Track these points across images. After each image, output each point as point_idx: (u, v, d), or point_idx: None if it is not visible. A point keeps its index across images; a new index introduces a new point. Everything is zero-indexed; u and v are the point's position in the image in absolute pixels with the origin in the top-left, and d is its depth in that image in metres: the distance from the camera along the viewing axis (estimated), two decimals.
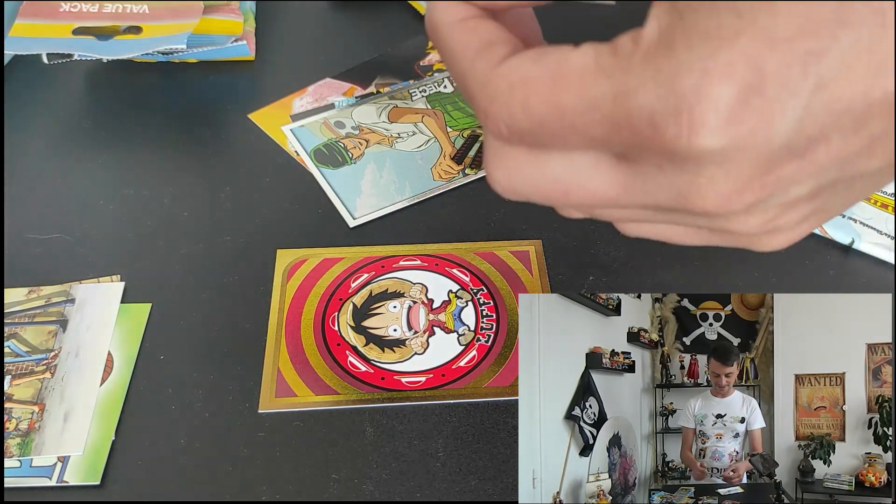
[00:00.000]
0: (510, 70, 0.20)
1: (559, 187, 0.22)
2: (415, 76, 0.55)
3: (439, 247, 0.44)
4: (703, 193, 0.20)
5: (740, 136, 0.18)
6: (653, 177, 0.20)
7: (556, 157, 0.21)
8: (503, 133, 0.21)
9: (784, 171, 0.19)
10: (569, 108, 0.19)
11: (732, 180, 0.19)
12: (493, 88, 0.20)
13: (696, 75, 0.17)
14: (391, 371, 0.39)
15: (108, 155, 0.49)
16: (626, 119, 0.18)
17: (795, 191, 0.20)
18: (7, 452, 0.35)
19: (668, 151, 0.19)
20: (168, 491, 0.35)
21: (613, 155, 0.21)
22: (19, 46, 0.51)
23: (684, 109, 0.17)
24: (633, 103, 0.18)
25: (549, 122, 0.20)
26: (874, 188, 0.22)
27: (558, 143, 0.20)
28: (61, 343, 0.39)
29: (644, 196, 0.21)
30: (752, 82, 0.17)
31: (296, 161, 0.49)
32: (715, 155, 0.18)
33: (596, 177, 0.21)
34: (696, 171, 0.19)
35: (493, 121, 0.21)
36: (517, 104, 0.20)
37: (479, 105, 0.21)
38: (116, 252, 0.44)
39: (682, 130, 0.18)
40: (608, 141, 0.19)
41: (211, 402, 0.37)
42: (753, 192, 0.19)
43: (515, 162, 0.22)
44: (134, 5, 0.54)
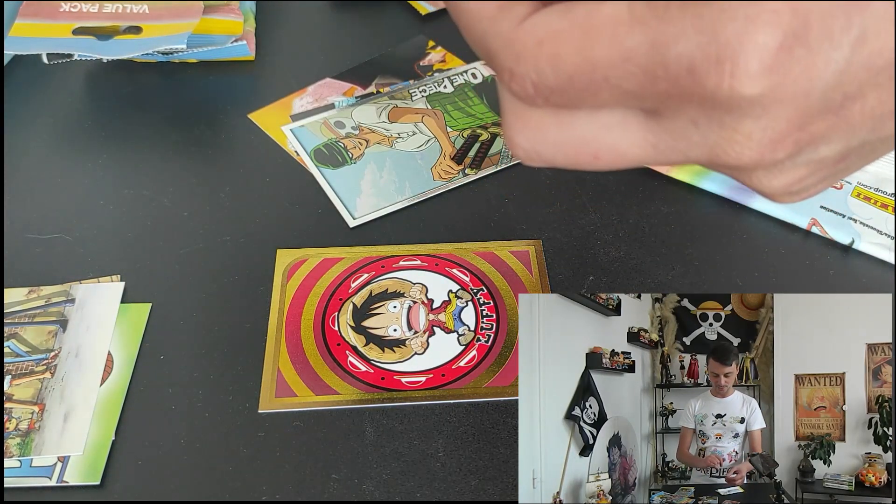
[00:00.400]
0: (537, 26, 0.19)
1: (587, 149, 0.21)
2: (415, 76, 0.55)
3: (439, 247, 0.44)
4: (737, 148, 0.19)
5: (781, 86, 0.17)
6: (686, 133, 0.20)
7: (583, 116, 0.21)
8: (529, 93, 0.20)
9: (817, 127, 0.19)
10: (602, 61, 0.18)
11: (768, 134, 0.19)
12: (520, 46, 0.19)
13: (739, 21, 0.17)
14: (391, 371, 0.39)
15: (108, 155, 0.49)
16: (664, 68, 0.18)
17: (825, 150, 0.20)
18: (7, 452, 0.35)
19: (706, 101, 0.18)
20: (168, 491, 0.35)
21: (643, 112, 0.20)
22: (19, 46, 0.51)
23: (727, 56, 0.17)
24: (672, 52, 0.17)
25: (579, 77, 0.19)
26: (889, 150, 0.21)
27: (588, 101, 0.20)
28: (61, 343, 0.39)
29: (675, 155, 0.20)
30: (796, 30, 0.17)
31: (296, 161, 0.49)
32: (754, 105, 0.18)
33: (626, 136, 0.20)
34: (733, 125, 0.19)
35: (518, 80, 0.20)
36: (546, 60, 0.19)
37: (504, 64, 0.20)
38: (116, 252, 0.44)
39: (724, 78, 0.17)
40: (642, 94, 0.19)
41: (211, 402, 0.37)
42: (786, 147, 0.19)
43: (540, 124, 0.21)
44: (134, 5, 0.54)
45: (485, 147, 0.50)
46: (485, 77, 0.55)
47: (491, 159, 0.49)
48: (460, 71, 0.55)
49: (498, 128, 0.51)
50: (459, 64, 0.56)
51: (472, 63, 0.56)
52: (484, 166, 0.48)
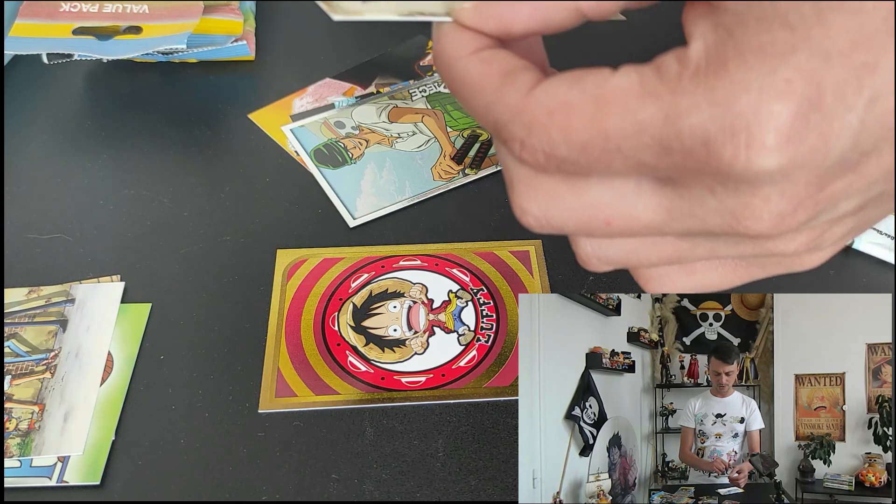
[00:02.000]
0: (547, 96, 0.19)
1: (600, 215, 0.20)
2: (415, 76, 0.55)
3: (439, 247, 0.44)
4: (757, 214, 0.19)
5: (799, 155, 0.17)
6: (702, 200, 0.19)
7: (596, 184, 0.20)
8: (540, 162, 0.20)
9: (836, 186, 0.19)
10: (614, 132, 0.18)
11: (787, 199, 0.18)
12: (530, 116, 0.19)
13: (753, 93, 0.17)
14: (391, 371, 0.39)
15: (108, 155, 0.49)
16: (678, 141, 0.18)
17: (844, 206, 0.20)
18: (7, 452, 0.35)
19: (722, 173, 0.18)
20: (168, 491, 0.35)
21: (656, 179, 0.20)
22: (19, 46, 0.51)
23: (742, 129, 0.17)
24: (686, 124, 0.17)
25: (592, 148, 0.19)
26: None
27: (600, 170, 0.19)
28: (61, 343, 0.39)
29: (691, 220, 0.20)
30: (810, 98, 0.17)
31: (296, 161, 0.49)
32: (773, 175, 0.18)
33: (640, 202, 0.20)
34: (752, 192, 0.18)
35: (529, 151, 0.19)
36: (558, 131, 0.19)
37: (514, 135, 0.20)
38: (116, 252, 0.44)
39: (740, 151, 0.17)
40: (656, 165, 0.19)
41: (211, 402, 0.37)
42: (807, 210, 0.19)
43: (551, 191, 0.21)
44: (134, 5, 0.54)
45: (485, 147, 0.50)
46: None
47: (491, 159, 0.49)
48: None
49: None
50: None
51: None
52: (484, 166, 0.48)
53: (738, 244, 0.21)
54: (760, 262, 0.23)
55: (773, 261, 0.22)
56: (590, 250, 0.22)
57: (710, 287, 0.24)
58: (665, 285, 0.24)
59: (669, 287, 0.24)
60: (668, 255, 0.22)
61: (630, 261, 0.23)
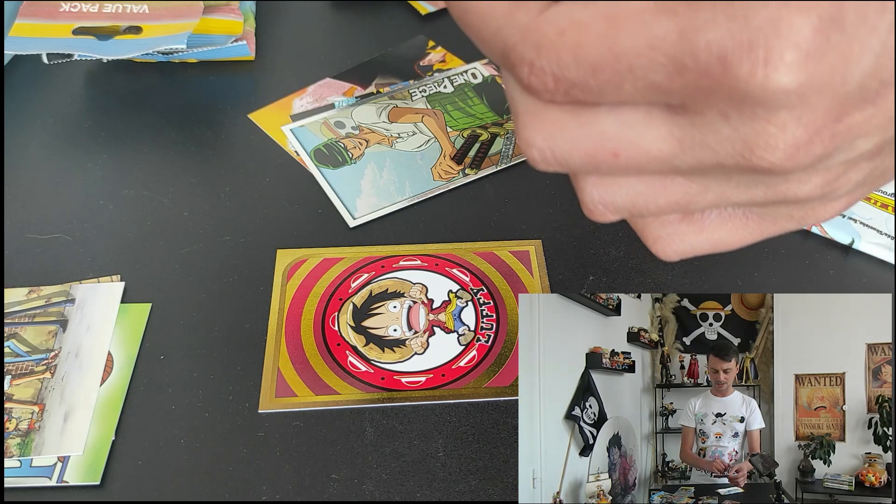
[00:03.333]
0: (558, 16, 0.18)
1: (607, 146, 0.20)
2: (415, 76, 0.55)
3: (439, 247, 0.44)
4: (772, 143, 0.18)
5: (818, 75, 0.16)
6: (715, 127, 0.18)
7: (604, 112, 0.19)
8: (549, 87, 0.19)
9: (854, 118, 0.18)
10: (627, 50, 0.17)
11: (803, 127, 0.18)
12: (541, 36, 0.18)
13: (773, 6, 0.16)
14: (391, 371, 0.39)
15: (108, 155, 0.49)
16: (693, 57, 0.17)
17: (861, 144, 0.19)
18: (7, 452, 0.35)
19: (738, 92, 0.17)
20: (168, 491, 0.35)
21: (668, 107, 0.19)
22: (19, 46, 0.51)
23: (760, 44, 0.16)
24: (702, 39, 0.17)
25: (603, 68, 0.18)
26: None
27: (610, 95, 0.19)
28: (61, 343, 0.39)
29: (703, 152, 0.19)
30: (832, 14, 0.16)
31: (296, 161, 0.49)
32: (790, 95, 0.17)
33: (649, 131, 0.19)
34: (767, 118, 0.18)
35: (538, 73, 0.19)
36: (568, 51, 0.18)
37: (523, 57, 0.19)
38: (116, 252, 0.44)
39: (758, 67, 0.16)
40: (668, 86, 0.18)
41: (211, 402, 0.37)
42: (823, 142, 0.18)
43: (557, 121, 0.20)
44: (134, 5, 0.54)
45: (485, 147, 0.50)
46: (485, 77, 0.55)
47: (491, 159, 0.49)
48: (460, 71, 0.55)
49: (498, 128, 0.51)
50: (459, 64, 0.56)
51: (472, 63, 0.56)
52: (484, 166, 0.48)
53: (750, 186, 0.20)
54: (772, 214, 0.22)
55: (784, 213, 0.22)
56: (595, 196, 0.22)
57: (721, 244, 0.23)
58: (674, 243, 0.23)
59: (678, 245, 0.23)
60: (678, 198, 0.21)
61: (636, 206, 0.22)
